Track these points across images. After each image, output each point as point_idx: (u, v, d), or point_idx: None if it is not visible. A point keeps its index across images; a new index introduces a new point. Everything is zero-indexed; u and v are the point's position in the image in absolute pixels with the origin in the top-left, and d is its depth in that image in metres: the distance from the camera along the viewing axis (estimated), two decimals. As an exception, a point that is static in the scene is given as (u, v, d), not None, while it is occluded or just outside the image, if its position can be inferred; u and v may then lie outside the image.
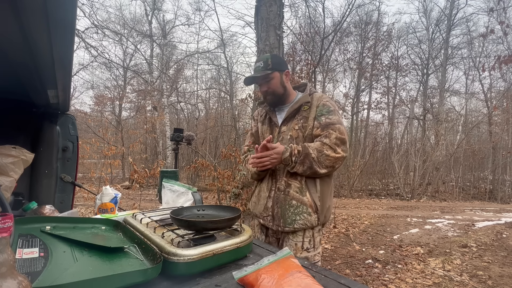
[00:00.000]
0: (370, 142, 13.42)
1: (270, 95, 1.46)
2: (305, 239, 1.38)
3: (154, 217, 1.03)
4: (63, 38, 0.76)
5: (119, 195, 1.36)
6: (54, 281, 0.58)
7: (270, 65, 1.40)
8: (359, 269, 3.27)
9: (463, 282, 2.96)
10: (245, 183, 4.17)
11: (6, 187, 1.13)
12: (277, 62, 1.43)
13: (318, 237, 1.42)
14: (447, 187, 11.24)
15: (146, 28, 14.50)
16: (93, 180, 8.51)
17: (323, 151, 1.29)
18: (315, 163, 1.29)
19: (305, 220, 1.35)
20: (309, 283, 0.64)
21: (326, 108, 1.38)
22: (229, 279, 0.73)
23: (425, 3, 14.66)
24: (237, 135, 9.72)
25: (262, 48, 4.02)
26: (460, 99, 15.37)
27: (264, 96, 1.49)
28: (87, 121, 11.72)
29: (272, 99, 1.47)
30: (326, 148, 1.30)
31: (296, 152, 1.31)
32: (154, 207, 1.46)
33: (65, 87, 1.28)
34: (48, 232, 0.87)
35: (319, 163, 1.29)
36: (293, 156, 1.31)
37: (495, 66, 5.10)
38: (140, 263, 0.73)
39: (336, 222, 5.41)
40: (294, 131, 1.42)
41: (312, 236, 1.39)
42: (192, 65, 14.70)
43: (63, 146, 1.86)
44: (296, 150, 1.31)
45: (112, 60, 11.25)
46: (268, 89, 1.44)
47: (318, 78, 12.07)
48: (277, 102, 1.48)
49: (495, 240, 4.50)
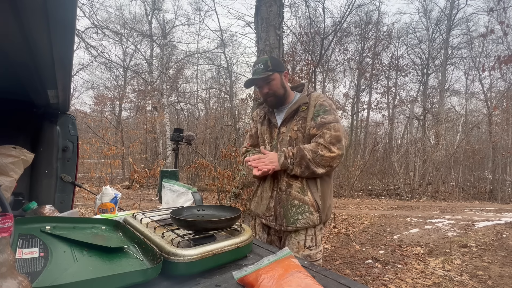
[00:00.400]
0: (370, 142, 13.42)
1: (271, 97, 1.45)
2: (307, 237, 1.40)
3: (154, 217, 1.03)
4: (63, 38, 0.76)
5: (119, 195, 1.36)
6: (54, 281, 0.58)
7: (270, 67, 1.40)
8: (359, 269, 3.27)
9: (463, 282, 2.96)
10: (245, 183, 4.17)
11: (6, 187, 1.13)
12: (276, 63, 1.43)
13: (320, 235, 1.44)
14: (447, 187, 11.24)
15: (146, 28, 14.50)
16: (93, 180, 8.51)
17: (317, 151, 1.30)
18: (311, 163, 1.31)
19: (307, 219, 1.37)
20: (309, 283, 0.64)
21: (323, 108, 1.39)
22: (229, 279, 0.73)
23: (425, 3, 14.68)
24: (237, 135, 9.72)
25: (262, 48, 4.01)
26: (460, 99, 15.40)
27: (265, 98, 1.48)
28: (87, 121, 11.72)
29: (273, 101, 1.47)
30: (321, 148, 1.31)
31: (291, 154, 1.33)
32: (154, 207, 1.46)
33: (65, 87, 1.28)
34: (48, 232, 0.87)
35: (315, 163, 1.31)
36: (289, 159, 1.33)
37: (495, 66, 5.10)
38: (140, 263, 0.73)
39: (336, 222, 5.41)
40: (293, 132, 1.42)
41: (314, 234, 1.41)
42: (192, 65, 14.70)
43: (63, 146, 1.86)
44: (290, 153, 1.34)
45: (112, 60, 11.25)
46: (269, 90, 1.43)
47: (318, 78, 12.07)
48: (278, 103, 1.48)
49: (495, 240, 4.50)
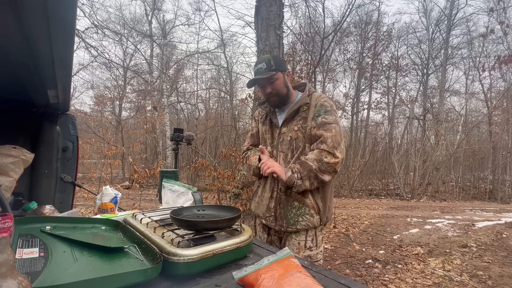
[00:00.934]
0: (370, 142, 13.43)
1: (274, 96, 1.44)
2: (307, 238, 1.40)
3: (154, 217, 1.03)
4: (63, 38, 0.76)
5: (119, 195, 1.36)
6: (54, 281, 0.58)
7: (273, 66, 1.38)
8: (359, 269, 3.27)
9: (463, 282, 2.96)
10: (245, 183, 4.17)
11: (6, 187, 1.13)
12: (279, 62, 1.42)
13: (320, 236, 1.44)
14: (447, 187, 11.24)
15: (146, 28, 14.50)
16: (93, 180, 8.51)
17: (322, 159, 1.28)
18: (319, 173, 1.28)
19: (307, 221, 1.37)
20: (309, 283, 0.64)
21: (324, 108, 1.38)
22: (229, 279, 0.73)
23: (425, 3, 14.67)
24: (237, 135, 9.72)
25: (262, 48, 4.01)
26: (460, 99, 15.40)
27: (268, 98, 1.47)
28: (87, 121, 11.71)
29: (276, 100, 1.45)
30: (325, 155, 1.28)
31: (297, 169, 1.29)
32: (154, 207, 1.46)
33: (65, 87, 1.28)
34: (48, 232, 0.87)
35: (321, 171, 1.28)
36: (296, 173, 1.28)
37: (495, 66, 5.10)
38: (140, 263, 0.73)
39: (336, 222, 5.41)
40: (294, 132, 1.41)
41: (314, 235, 1.41)
42: (192, 65, 14.70)
43: (63, 146, 1.86)
44: (295, 168, 1.29)
45: (112, 60, 11.22)
46: (273, 90, 1.42)
47: (318, 78, 12.08)
48: (280, 103, 1.47)
49: (495, 240, 4.50)
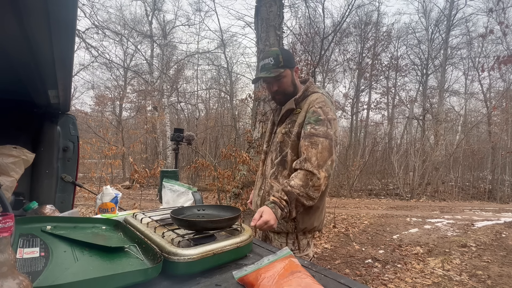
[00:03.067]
0: (369, 142, 13.43)
1: (280, 95, 1.37)
2: (288, 241, 1.34)
3: (154, 216, 1.03)
4: (64, 38, 0.77)
5: (119, 195, 1.36)
6: (55, 280, 0.59)
7: (281, 62, 1.28)
8: (358, 269, 3.28)
9: (462, 282, 2.96)
10: (245, 183, 4.18)
11: (7, 187, 1.13)
12: (288, 58, 1.31)
13: (305, 240, 1.35)
14: (447, 187, 11.25)
15: (147, 29, 14.49)
16: (94, 180, 8.49)
17: (308, 183, 1.16)
18: (305, 198, 1.17)
19: (281, 225, 1.30)
20: (309, 283, 0.64)
21: (315, 117, 1.24)
22: (229, 278, 0.73)
23: (425, 4, 14.70)
24: (237, 135, 9.73)
25: (262, 49, 4.02)
26: (459, 99, 15.42)
27: (273, 96, 1.40)
28: (88, 121, 11.72)
29: (281, 99, 1.39)
30: (310, 177, 1.16)
31: (284, 203, 1.16)
32: (155, 207, 1.46)
33: (66, 87, 1.28)
34: (48, 231, 0.87)
35: (308, 196, 1.17)
36: (285, 208, 1.16)
37: (494, 66, 5.11)
38: (140, 262, 0.73)
39: (336, 222, 5.41)
40: (281, 135, 1.35)
41: (295, 238, 1.33)
42: (192, 65, 14.70)
43: (64, 146, 1.86)
44: (283, 202, 1.16)
45: (112, 61, 11.23)
46: (279, 88, 1.34)
47: (318, 78, 12.07)
48: (286, 101, 1.39)
49: (494, 239, 4.50)
